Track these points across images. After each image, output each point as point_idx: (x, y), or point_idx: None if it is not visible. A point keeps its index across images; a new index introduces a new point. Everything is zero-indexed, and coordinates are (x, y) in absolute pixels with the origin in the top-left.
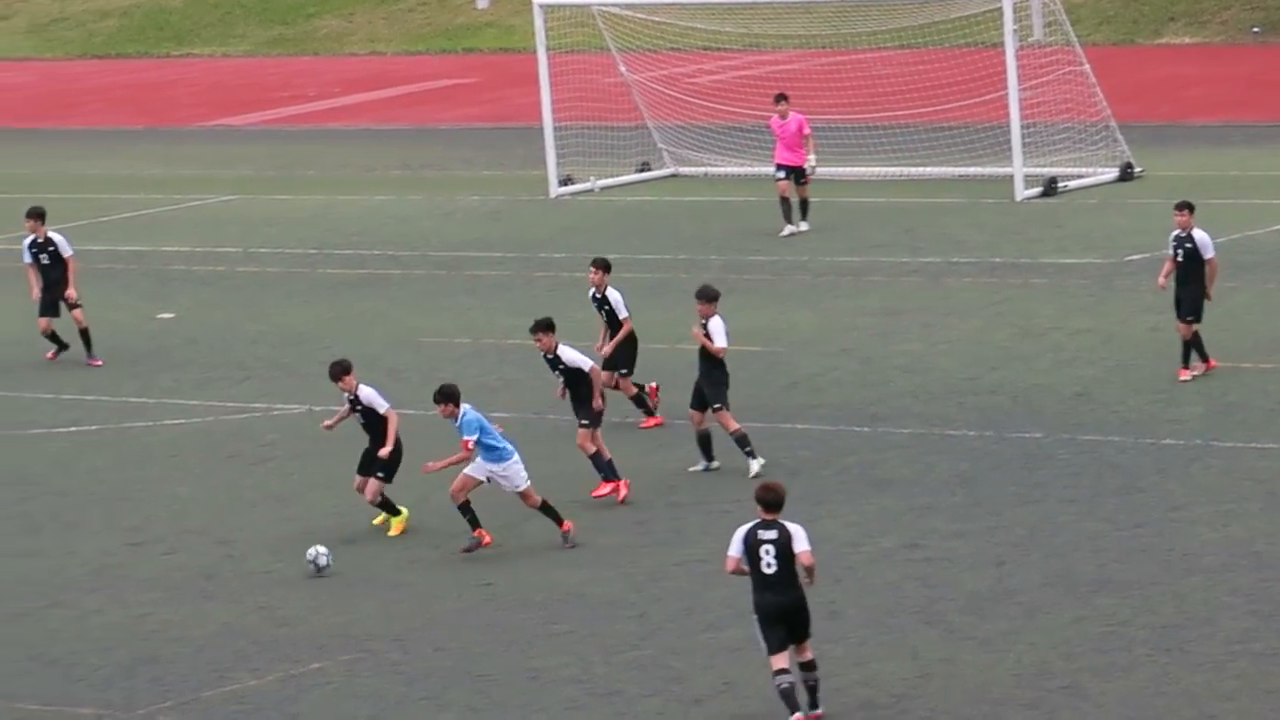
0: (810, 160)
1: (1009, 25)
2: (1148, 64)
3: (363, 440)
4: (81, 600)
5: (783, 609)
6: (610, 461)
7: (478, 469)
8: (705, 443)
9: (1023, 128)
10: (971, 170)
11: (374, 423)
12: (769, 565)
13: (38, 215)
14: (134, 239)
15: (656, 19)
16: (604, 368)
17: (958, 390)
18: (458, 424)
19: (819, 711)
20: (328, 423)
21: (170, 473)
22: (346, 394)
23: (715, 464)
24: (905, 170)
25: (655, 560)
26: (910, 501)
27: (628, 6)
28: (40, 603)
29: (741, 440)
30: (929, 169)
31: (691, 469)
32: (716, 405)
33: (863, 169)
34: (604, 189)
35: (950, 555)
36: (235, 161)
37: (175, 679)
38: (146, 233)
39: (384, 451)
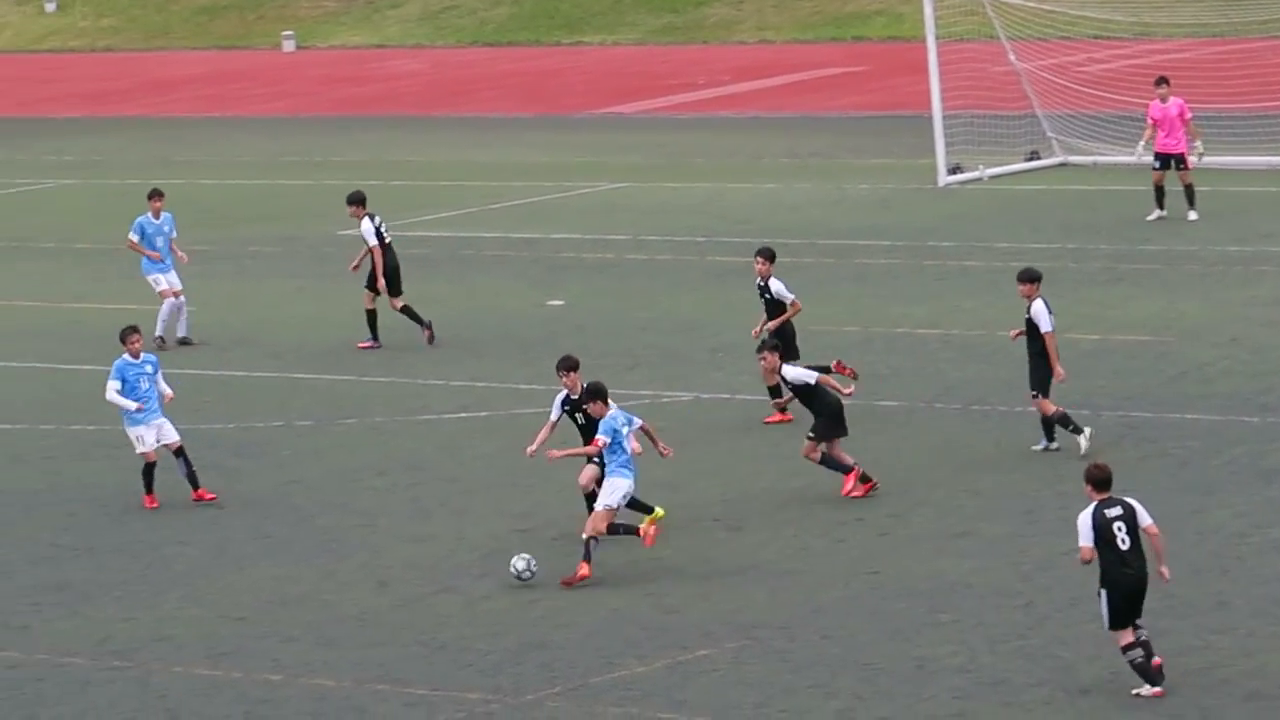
0: (1197, 146)
1: None
2: None
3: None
4: (471, 586)
5: (1140, 583)
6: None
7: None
8: (1051, 423)
9: None
10: None
11: None
12: (1124, 541)
13: (359, 200)
14: (524, 226)
15: (1046, 7)
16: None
17: None
18: (605, 419)
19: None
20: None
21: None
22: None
23: (1055, 445)
24: None
25: (1043, 549)
26: None
27: None
28: (430, 588)
29: (1064, 420)
30: None
31: (1034, 448)
32: (1034, 393)
33: (1253, 158)
34: (993, 177)
35: None
36: (624, 149)
37: (563, 665)
38: (536, 220)
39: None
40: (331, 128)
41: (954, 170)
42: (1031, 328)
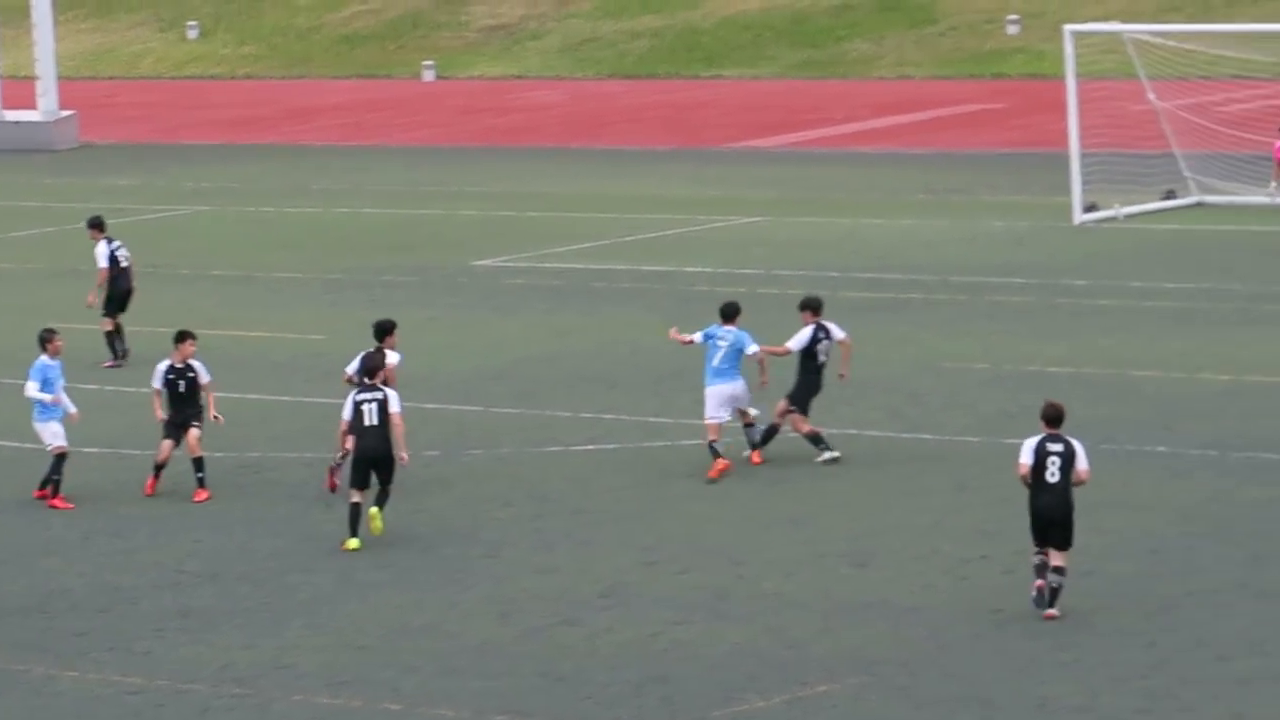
0: None
1: None
2: None
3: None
4: (593, 618)
5: (1060, 515)
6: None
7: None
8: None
9: None
10: None
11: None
12: (1053, 475)
13: (98, 225)
14: (659, 259)
15: (1187, 46)
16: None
17: None
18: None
19: (1055, 611)
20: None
21: (687, 492)
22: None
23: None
24: None
25: (1168, 589)
26: None
27: (1158, 34)
28: (552, 620)
29: (815, 439)
30: None
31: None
32: (793, 408)
33: None
34: (1128, 216)
35: None
36: (762, 183)
37: (684, 698)
38: (671, 252)
39: None
40: (469, 158)
41: (1090, 209)
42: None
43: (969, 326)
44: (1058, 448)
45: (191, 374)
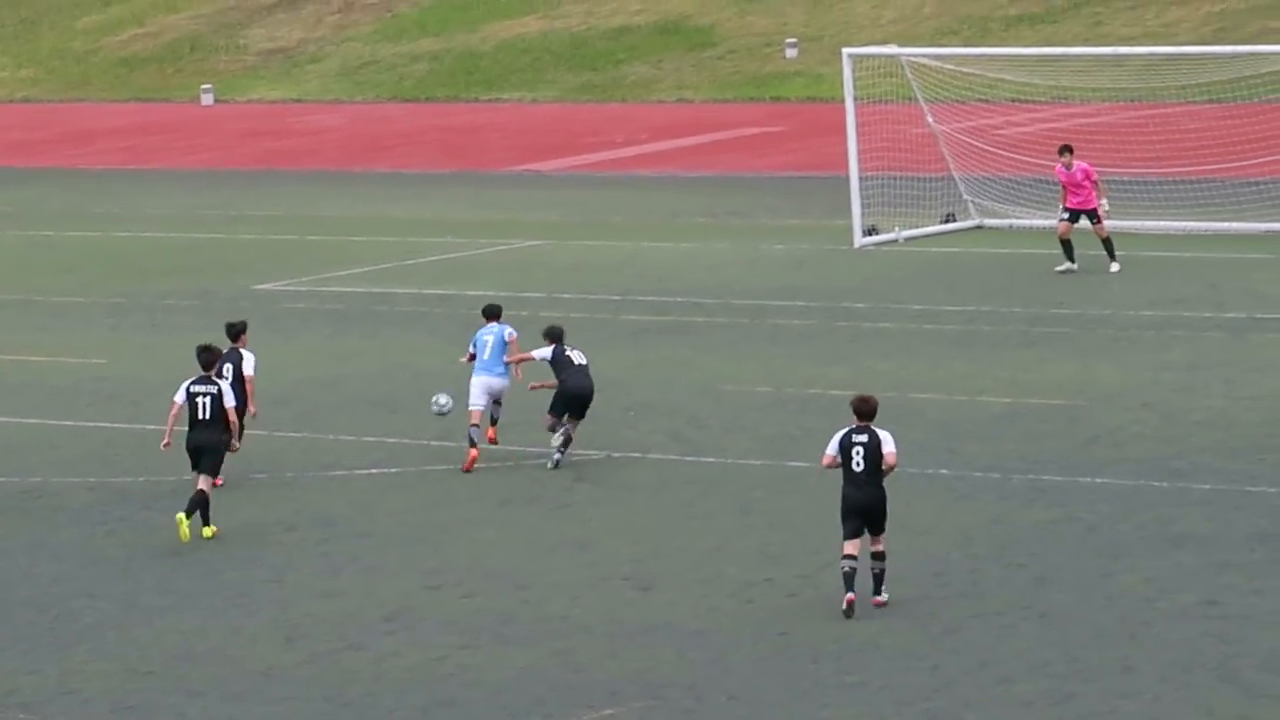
0: (1104, 203)
1: None
2: None
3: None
4: (378, 643)
5: (865, 503)
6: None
7: None
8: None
9: None
10: (1278, 225)
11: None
12: (858, 465)
13: None
14: (440, 282)
15: (965, 70)
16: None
17: (1260, 446)
18: None
19: (883, 598)
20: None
21: (470, 516)
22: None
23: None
24: (1210, 225)
25: (951, 612)
26: (1208, 558)
27: (936, 58)
28: (338, 644)
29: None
30: (1235, 224)
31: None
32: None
33: (1168, 223)
34: (909, 239)
35: (1249, 612)
36: (543, 206)
37: None
38: (453, 276)
39: None
40: (249, 181)
41: (870, 232)
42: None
43: (751, 349)
44: (862, 438)
45: None
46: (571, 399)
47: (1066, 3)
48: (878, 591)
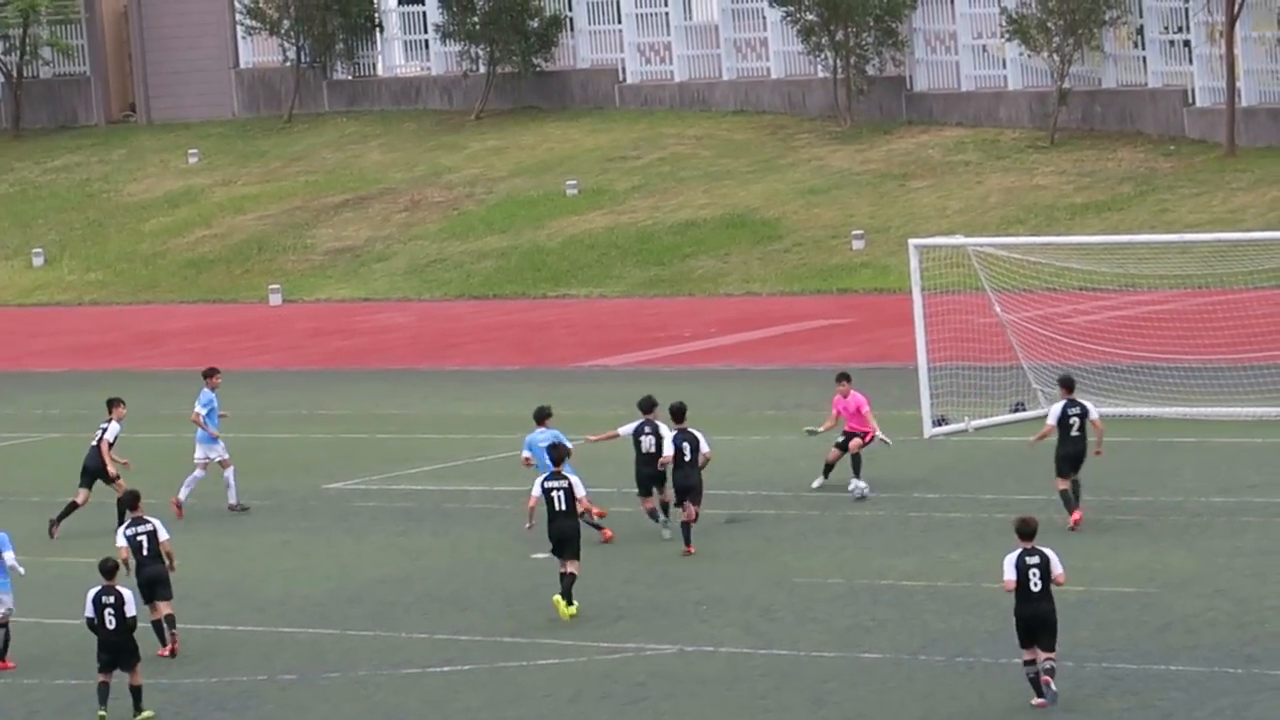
0: (878, 435)
1: None
2: None
3: None
4: None
5: (1041, 617)
6: None
7: None
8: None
9: None
10: None
11: None
12: (1035, 584)
13: None
14: (511, 479)
15: (1032, 259)
16: None
17: None
18: None
19: (1048, 696)
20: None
21: (543, 712)
22: None
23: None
24: None
25: None
26: None
27: (1003, 247)
28: None
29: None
30: None
31: None
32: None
33: (1238, 409)
34: (978, 429)
35: None
36: (612, 401)
37: None
38: (523, 472)
39: None
40: (318, 381)
41: (939, 422)
42: None
43: (821, 541)
44: (1035, 560)
45: None
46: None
47: (1133, 190)
48: (1041, 695)
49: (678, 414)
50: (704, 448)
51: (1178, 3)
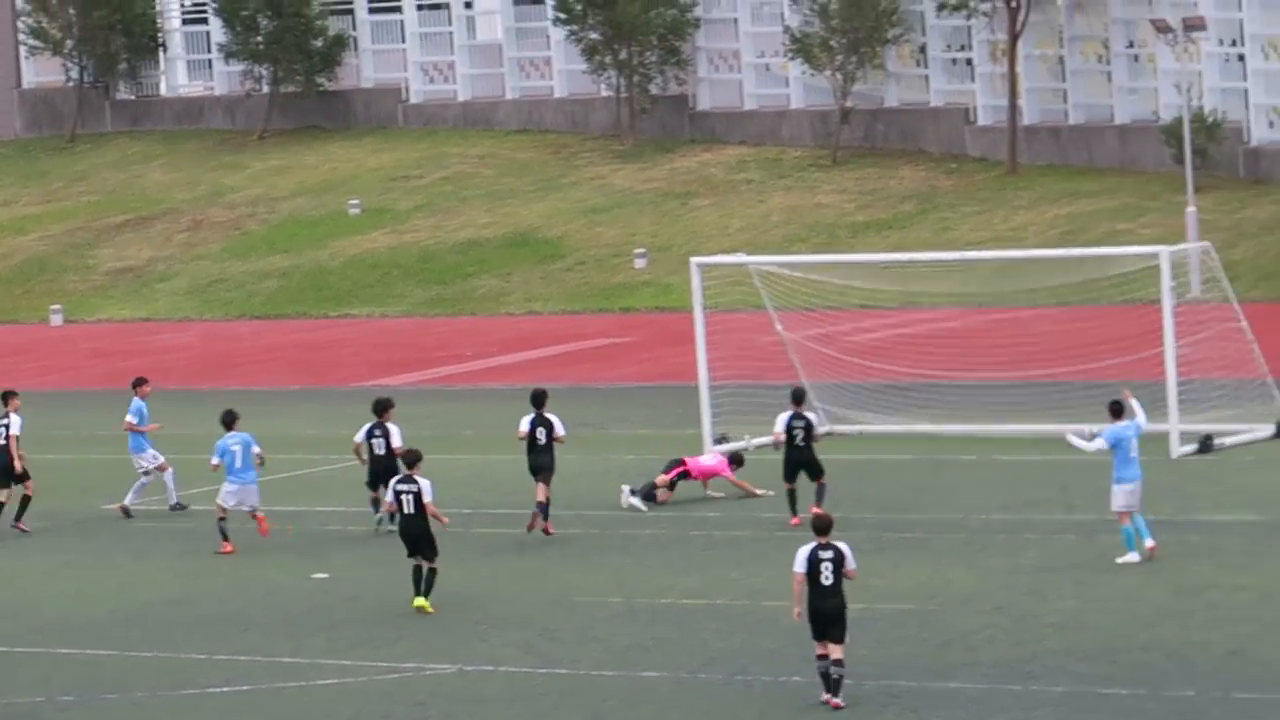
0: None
1: (1166, 282)
2: None
3: None
4: None
5: (832, 612)
6: None
7: None
8: None
9: (1179, 384)
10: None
11: None
12: (827, 578)
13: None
14: (291, 499)
15: (814, 277)
16: None
17: (1111, 649)
18: None
19: (838, 700)
20: None
21: None
22: None
23: None
24: (1061, 427)
25: None
26: None
27: (784, 265)
28: None
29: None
30: (1084, 426)
31: None
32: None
33: (1019, 426)
34: (758, 447)
35: None
36: (392, 420)
37: None
38: (303, 492)
39: None
40: (100, 401)
41: (720, 440)
42: None
43: (602, 560)
44: (829, 554)
45: None
46: None
47: (915, 209)
48: (835, 693)
49: (537, 399)
50: (559, 430)
51: (960, 21)
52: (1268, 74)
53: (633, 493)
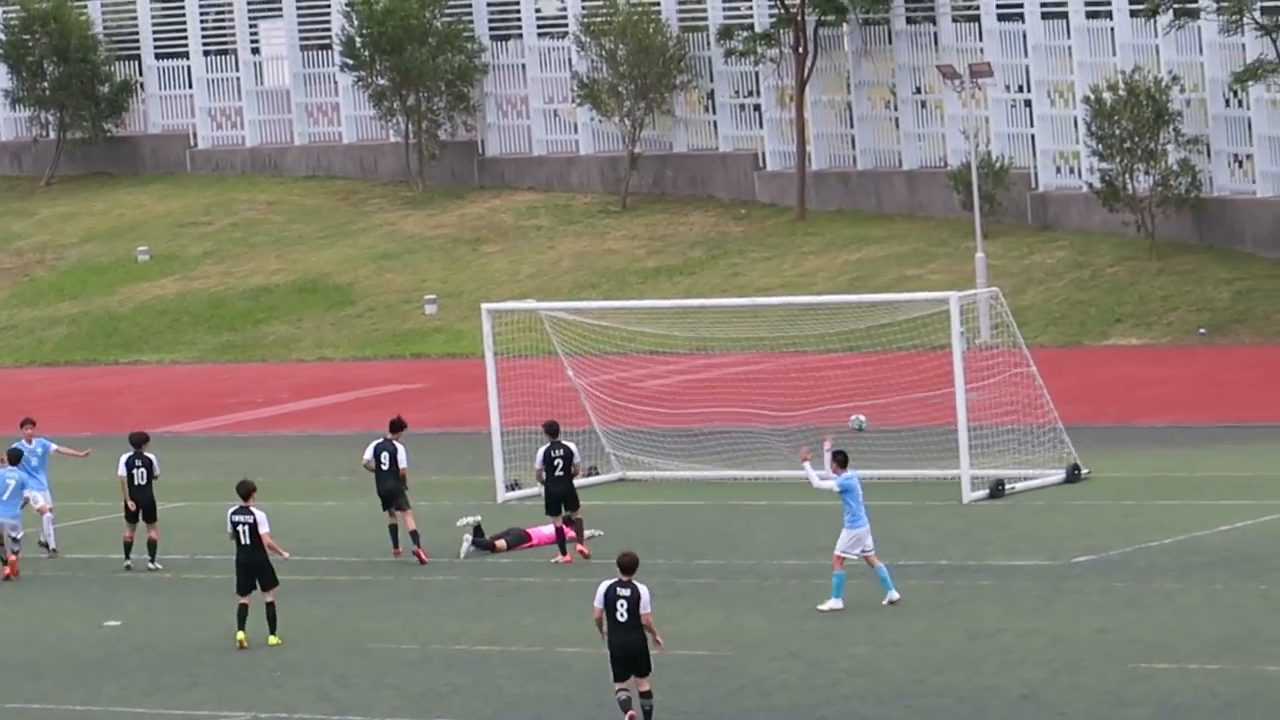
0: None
1: (956, 328)
2: (1095, 365)
3: None
4: None
5: (628, 649)
6: None
7: None
8: None
9: (970, 430)
10: (918, 472)
11: None
12: (622, 615)
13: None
14: (82, 546)
15: (604, 323)
16: None
17: (905, 693)
18: None
19: None
20: None
21: None
22: None
23: None
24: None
25: None
26: None
27: (574, 311)
28: None
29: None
30: (875, 471)
31: None
32: None
33: (810, 472)
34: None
35: None
36: (184, 468)
37: None
38: (95, 540)
39: None
40: None
41: (512, 486)
42: None
43: (395, 606)
44: (625, 592)
45: None
46: None
47: (705, 254)
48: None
49: (394, 426)
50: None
51: (748, 67)
52: (1054, 120)
53: (473, 543)
